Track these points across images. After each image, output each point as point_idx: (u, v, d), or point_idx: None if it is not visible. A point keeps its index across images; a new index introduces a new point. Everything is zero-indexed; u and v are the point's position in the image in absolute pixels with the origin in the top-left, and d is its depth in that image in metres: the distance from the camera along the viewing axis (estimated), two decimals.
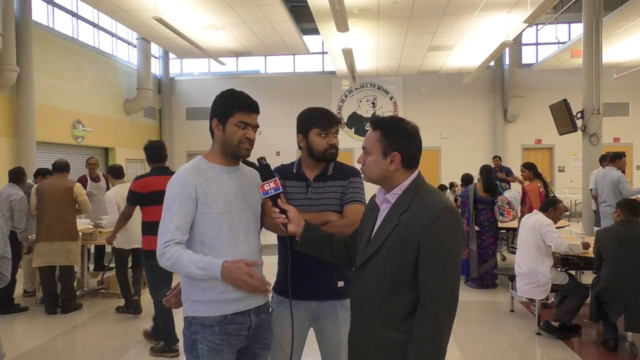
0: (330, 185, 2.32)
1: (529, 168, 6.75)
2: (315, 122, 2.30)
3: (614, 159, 7.01)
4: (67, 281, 5.83)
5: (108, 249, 7.78)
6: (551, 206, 5.00)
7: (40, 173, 6.60)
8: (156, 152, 4.48)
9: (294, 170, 2.39)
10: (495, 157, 11.13)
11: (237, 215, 2.06)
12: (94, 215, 6.96)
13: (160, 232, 1.98)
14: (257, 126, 2.12)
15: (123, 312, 5.71)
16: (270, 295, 2.25)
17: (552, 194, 6.98)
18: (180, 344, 4.09)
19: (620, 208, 4.54)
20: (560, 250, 4.78)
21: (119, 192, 5.55)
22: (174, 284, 2.14)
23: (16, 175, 5.93)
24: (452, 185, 10.60)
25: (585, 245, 5.05)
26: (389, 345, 1.75)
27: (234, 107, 2.05)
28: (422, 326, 1.67)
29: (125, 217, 4.68)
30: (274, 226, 2.15)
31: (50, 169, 6.17)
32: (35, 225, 5.83)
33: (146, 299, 5.23)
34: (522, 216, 6.17)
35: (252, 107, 2.08)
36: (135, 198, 4.31)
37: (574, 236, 5.75)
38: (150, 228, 4.19)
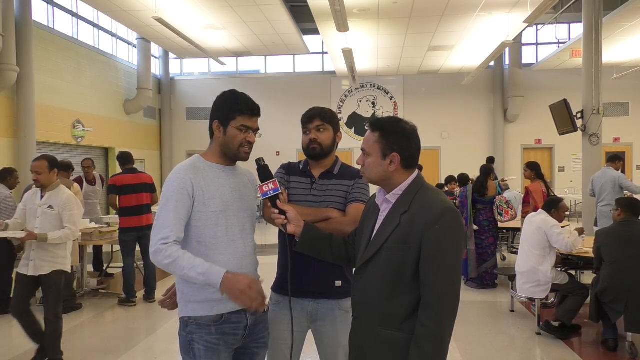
0: (335, 183, 2.32)
1: (531, 168, 6.70)
2: (302, 121, 2.34)
3: (614, 159, 7.03)
4: (66, 281, 5.81)
5: (105, 249, 7.80)
6: (553, 207, 4.97)
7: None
8: (126, 158, 6.13)
9: (300, 167, 2.40)
10: (489, 158, 11.17)
11: (234, 215, 2.06)
12: (88, 218, 6.96)
13: (156, 228, 1.95)
14: (258, 129, 2.12)
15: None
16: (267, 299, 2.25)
17: (553, 194, 6.97)
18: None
19: (621, 207, 4.52)
20: (565, 251, 4.78)
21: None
22: (168, 284, 2.11)
23: (2, 175, 5.96)
24: (450, 179, 9.81)
25: (580, 231, 5.11)
26: (391, 345, 1.75)
27: (236, 110, 2.05)
28: (424, 326, 1.68)
29: (111, 205, 6.14)
30: (273, 220, 2.15)
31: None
32: None
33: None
34: (524, 216, 6.15)
35: (254, 111, 2.08)
36: (113, 189, 5.95)
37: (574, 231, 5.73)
38: (124, 212, 5.92)
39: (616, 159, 7.04)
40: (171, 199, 1.96)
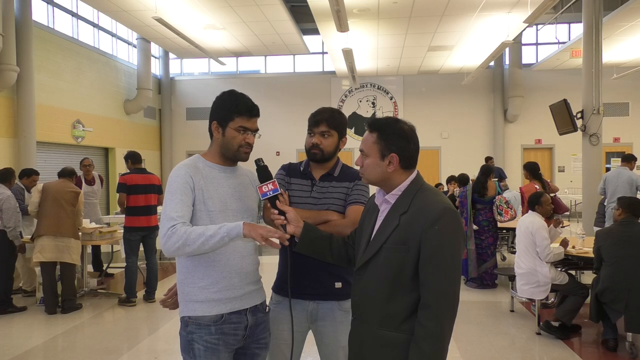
0: (335, 185, 2.32)
1: (526, 168, 6.76)
2: (309, 122, 2.33)
3: (629, 159, 7.03)
4: (67, 280, 5.82)
5: (105, 249, 7.80)
6: (536, 204, 4.98)
7: (26, 174, 6.60)
8: (136, 158, 6.17)
9: (301, 168, 2.39)
10: (487, 158, 11.20)
11: (233, 215, 2.06)
12: (88, 218, 6.97)
13: (163, 221, 1.94)
14: (257, 130, 2.11)
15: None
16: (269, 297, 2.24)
17: (552, 195, 6.97)
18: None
19: (622, 207, 4.51)
20: (541, 257, 4.75)
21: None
22: (169, 284, 2.11)
23: (3, 176, 5.97)
24: (451, 179, 9.98)
25: (564, 243, 4.99)
26: (390, 345, 1.75)
27: (234, 111, 2.04)
28: (424, 326, 1.68)
29: (120, 204, 6.03)
30: (272, 220, 2.15)
31: (37, 170, 6.81)
32: (32, 224, 5.81)
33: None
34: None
35: (252, 112, 2.07)
36: (123, 188, 5.94)
37: (573, 236, 5.74)
38: (131, 211, 5.94)
39: (631, 159, 7.04)
40: (176, 193, 1.97)
